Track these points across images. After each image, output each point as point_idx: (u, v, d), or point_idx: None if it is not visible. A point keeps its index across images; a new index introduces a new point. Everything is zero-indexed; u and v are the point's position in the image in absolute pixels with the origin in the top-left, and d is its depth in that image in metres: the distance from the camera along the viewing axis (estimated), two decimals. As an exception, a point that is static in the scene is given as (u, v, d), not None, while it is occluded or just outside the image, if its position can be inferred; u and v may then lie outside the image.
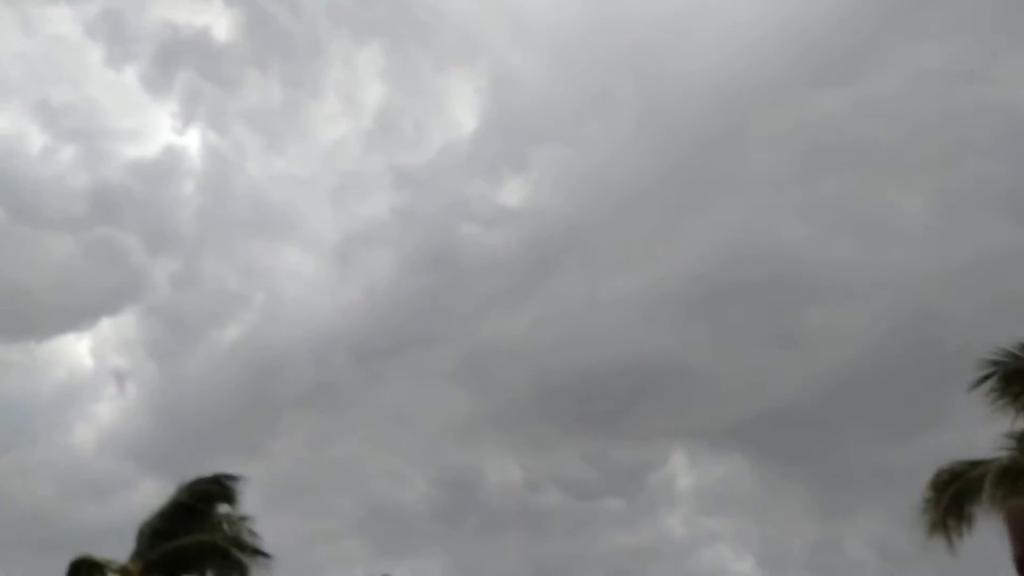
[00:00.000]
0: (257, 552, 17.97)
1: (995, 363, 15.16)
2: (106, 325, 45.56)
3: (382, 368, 43.16)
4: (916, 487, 15.83)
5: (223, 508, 18.33)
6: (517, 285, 43.94)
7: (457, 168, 46.71)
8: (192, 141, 55.62)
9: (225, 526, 18.29)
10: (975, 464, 15.17)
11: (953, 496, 15.05)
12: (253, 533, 18.26)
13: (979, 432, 15.42)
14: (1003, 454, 14.82)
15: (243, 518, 18.43)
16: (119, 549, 17.90)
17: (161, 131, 50.39)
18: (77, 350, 45.73)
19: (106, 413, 43.71)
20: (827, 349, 39.08)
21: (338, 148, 48.97)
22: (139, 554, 17.65)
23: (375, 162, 49.32)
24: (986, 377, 15.24)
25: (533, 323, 41.73)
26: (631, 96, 43.97)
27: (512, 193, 47.01)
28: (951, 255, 37.09)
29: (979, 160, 38.37)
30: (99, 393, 44.49)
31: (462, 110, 49.74)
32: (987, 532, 14.96)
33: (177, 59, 48.40)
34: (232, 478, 18.61)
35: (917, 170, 41.12)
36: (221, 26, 50.63)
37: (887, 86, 39.95)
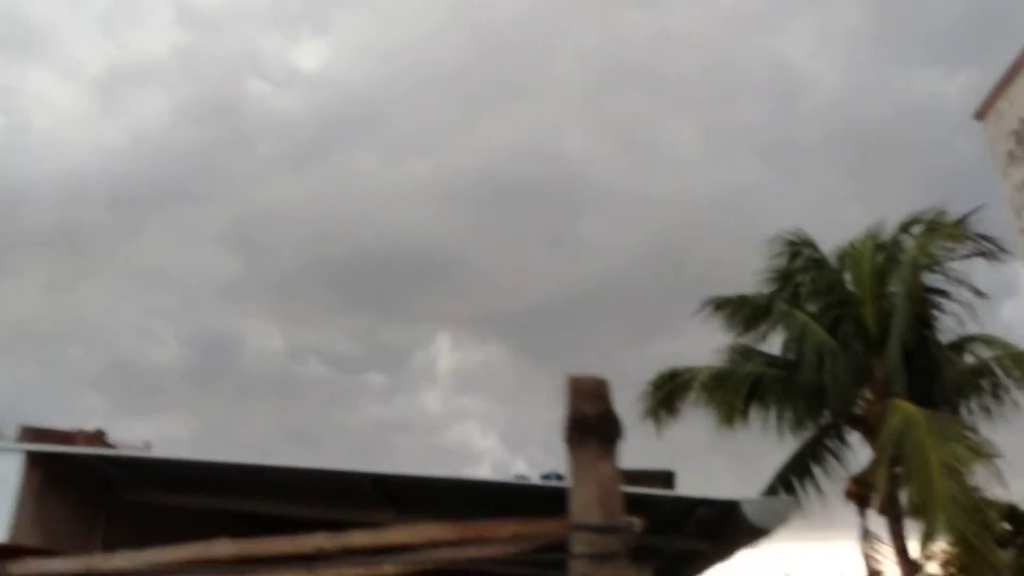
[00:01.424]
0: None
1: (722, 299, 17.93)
2: None
3: (141, 219, 39.87)
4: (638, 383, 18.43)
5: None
6: (303, 153, 41.97)
7: (252, 17, 42.98)
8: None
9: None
10: (691, 369, 17.75)
11: (668, 392, 17.58)
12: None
13: (706, 344, 18.16)
14: (714, 364, 17.66)
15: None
16: None
17: None
18: None
19: None
20: (591, 257, 41.52)
21: (114, -34, 43.05)
22: None
23: (157, -9, 44.11)
24: (709, 302, 18.04)
25: (315, 194, 40.26)
26: (448, -19, 42.47)
27: (310, 56, 44.20)
28: (711, 186, 40.28)
29: (748, 103, 41.51)
30: None
31: (264, -49, 45.42)
32: (692, 424, 17.45)
33: None
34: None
35: (696, 103, 43.76)
36: None
37: (687, 19, 41.70)
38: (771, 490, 18.23)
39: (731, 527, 2.84)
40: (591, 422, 2.20)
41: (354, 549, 2.88)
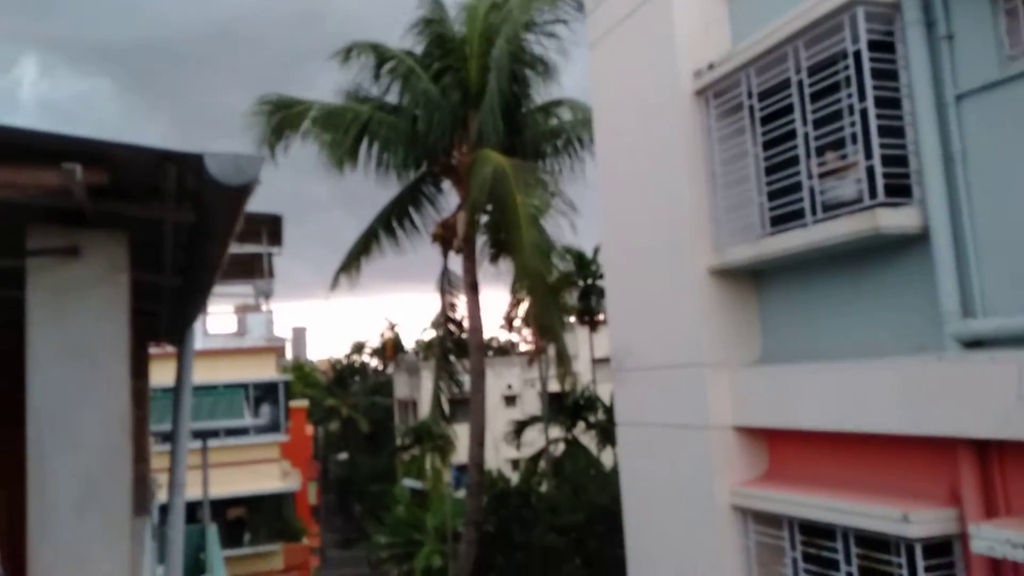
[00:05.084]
0: None
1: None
2: None
3: None
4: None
5: None
6: None
7: None
8: None
9: None
10: (304, 101, 17.22)
11: (278, 122, 17.03)
12: None
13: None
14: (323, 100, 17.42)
15: None
16: None
17: None
18: None
19: None
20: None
21: None
22: None
23: None
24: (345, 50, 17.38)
25: None
26: None
27: None
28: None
29: None
30: None
31: None
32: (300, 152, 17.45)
33: None
34: None
35: None
36: None
37: None
38: (371, 230, 19.07)
39: (203, 187, 2.62)
40: None
41: None
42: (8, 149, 2.54)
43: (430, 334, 53.59)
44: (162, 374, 7.45)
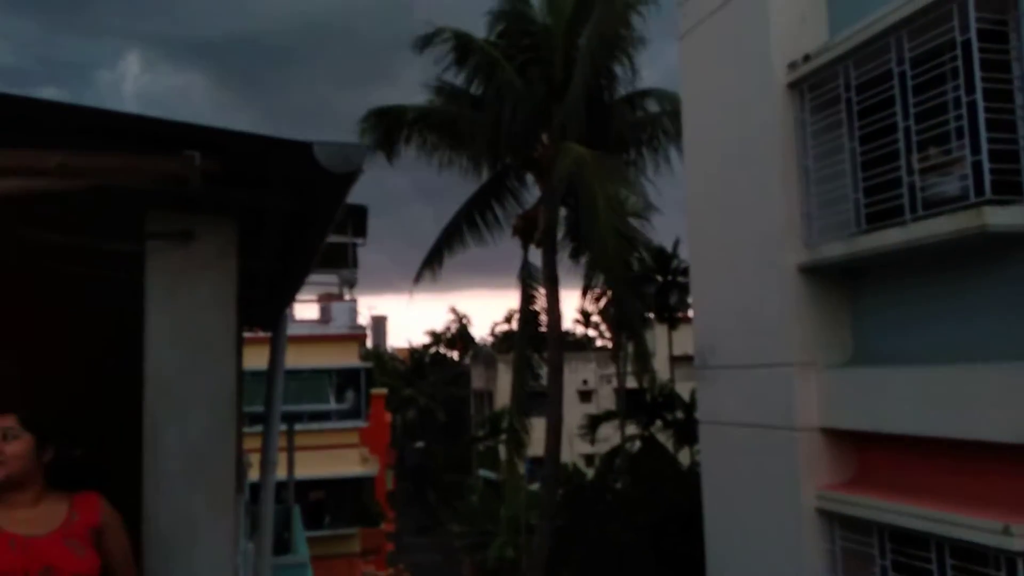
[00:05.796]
0: None
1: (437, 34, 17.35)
2: None
3: None
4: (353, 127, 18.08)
5: None
6: None
7: None
8: None
9: None
10: (404, 107, 17.57)
11: (385, 128, 17.42)
12: None
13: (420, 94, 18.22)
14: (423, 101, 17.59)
15: None
16: None
17: None
18: None
19: None
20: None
21: None
22: None
23: None
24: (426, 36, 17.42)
25: None
26: None
27: None
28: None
29: None
30: None
31: None
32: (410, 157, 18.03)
33: None
34: None
35: None
36: None
37: None
38: (454, 223, 19.29)
39: (309, 175, 2.71)
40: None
41: None
42: (129, 136, 2.68)
43: (503, 328, 53.80)
44: (249, 358, 7.71)
